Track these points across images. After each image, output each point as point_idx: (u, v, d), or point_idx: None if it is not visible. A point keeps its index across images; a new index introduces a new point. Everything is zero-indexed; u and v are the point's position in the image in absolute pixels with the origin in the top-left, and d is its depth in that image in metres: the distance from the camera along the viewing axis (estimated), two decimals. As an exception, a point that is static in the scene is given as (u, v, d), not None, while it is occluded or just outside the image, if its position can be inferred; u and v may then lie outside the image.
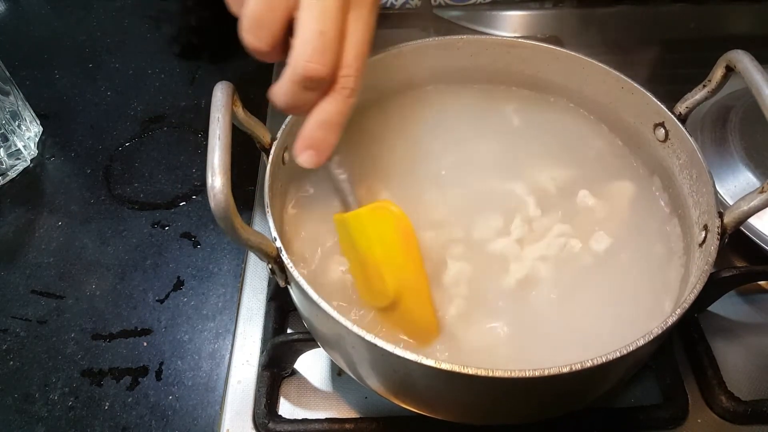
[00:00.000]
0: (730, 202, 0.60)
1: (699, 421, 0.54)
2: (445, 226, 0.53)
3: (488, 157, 0.58)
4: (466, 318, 0.48)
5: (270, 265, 0.43)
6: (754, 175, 0.63)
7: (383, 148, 0.58)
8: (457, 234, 0.52)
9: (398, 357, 0.37)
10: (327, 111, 0.42)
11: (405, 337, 0.46)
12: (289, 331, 0.60)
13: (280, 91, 0.42)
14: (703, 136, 0.69)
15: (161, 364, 0.59)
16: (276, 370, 0.56)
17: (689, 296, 0.40)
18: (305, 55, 0.40)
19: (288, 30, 0.41)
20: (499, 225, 0.53)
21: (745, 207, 0.43)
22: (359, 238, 0.47)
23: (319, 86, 0.41)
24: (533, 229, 0.53)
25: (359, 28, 0.42)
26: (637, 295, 0.49)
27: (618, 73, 0.55)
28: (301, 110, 0.43)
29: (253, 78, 0.83)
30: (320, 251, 0.52)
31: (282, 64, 0.42)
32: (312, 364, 0.57)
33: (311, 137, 0.43)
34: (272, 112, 0.79)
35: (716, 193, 0.46)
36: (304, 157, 0.44)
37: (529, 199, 0.55)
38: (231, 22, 0.42)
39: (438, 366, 0.37)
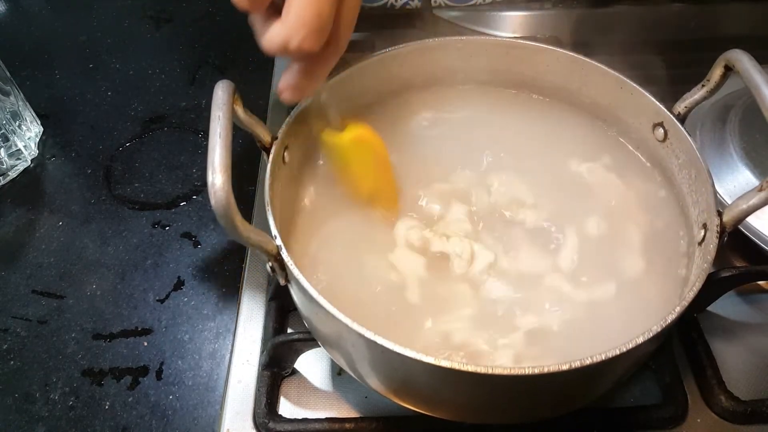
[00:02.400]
0: (730, 202, 0.60)
1: (698, 420, 0.54)
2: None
3: (490, 161, 0.58)
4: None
5: (270, 263, 0.43)
6: (753, 174, 0.63)
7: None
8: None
9: (398, 354, 0.37)
10: (313, 65, 0.45)
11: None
12: (289, 330, 0.60)
13: (272, 41, 0.42)
14: (702, 136, 0.69)
15: (162, 363, 0.59)
16: (276, 369, 0.56)
17: (689, 294, 0.40)
18: (300, 33, 0.40)
19: None
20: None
21: (744, 205, 0.43)
22: (342, 157, 0.53)
23: (308, 57, 0.43)
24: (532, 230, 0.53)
25: (351, 5, 0.44)
26: (636, 295, 0.49)
27: (617, 74, 0.55)
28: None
29: (254, 78, 0.84)
30: (321, 250, 0.52)
31: (283, 68, 0.42)
32: (312, 364, 0.57)
33: (295, 82, 0.45)
34: (273, 112, 0.79)
35: (715, 192, 0.46)
36: (285, 96, 0.46)
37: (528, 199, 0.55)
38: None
39: (438, 363, 0.37)
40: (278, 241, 0.43)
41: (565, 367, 0.36)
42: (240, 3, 0.41)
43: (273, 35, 0.41)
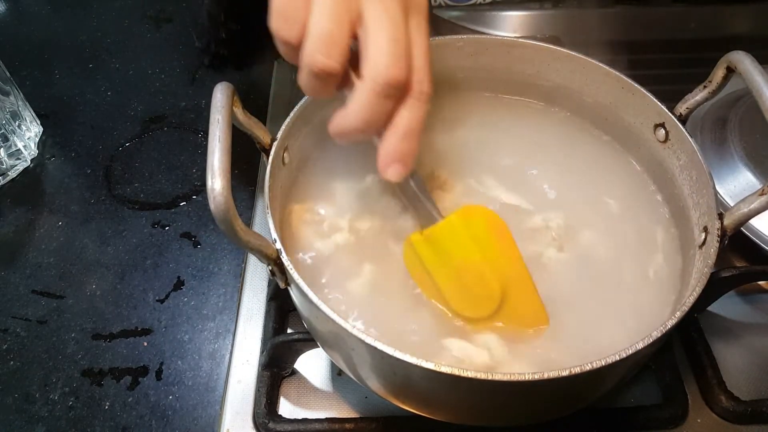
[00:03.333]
0: (731, 203, 0.60)
1: (699, 421, 0.54)
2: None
3: (491, 163, 0.58)
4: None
5: (270, 267, 0.43)
6: (753, 176, 0.63)
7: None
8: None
9: (398, 359, 0.37)
10: (407, 120, 0.42)
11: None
12: (289, 330, 0.60)
13: (356, 108, 0.41)
14: (702, 137, 0.68)
15: (161, 364, 0.59)
16: (276, 369, 0.56)
17: (689, 299, 0.40)
18: (383, 62, 0.40)
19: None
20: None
21: (745, 209, 0.43)
22: (454, 247, 0.46)
23: (398, 92, 0.41)
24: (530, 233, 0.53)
25: (421, 34, 0.42)
26: (637, 296, 0.49)
27: (618, 73, 0.55)
28: (378, 125, 0.42)
29: (253, 78, 0.84)
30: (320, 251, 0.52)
31: (283, 69, 0.42)
32: (312, 364, 0.57)
33: (396, 150, 0.42)
34: (272, 113, 0.79)
35: (716, 194, 0.46)
36: (391, 172, 0.43)
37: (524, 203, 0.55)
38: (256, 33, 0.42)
39: (438, 369, 0.37)
40: (278, 245, 0.43)
41: (565, 373, 0.36)
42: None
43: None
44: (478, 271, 0.46)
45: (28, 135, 0.77)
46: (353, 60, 0.42)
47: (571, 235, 0.53)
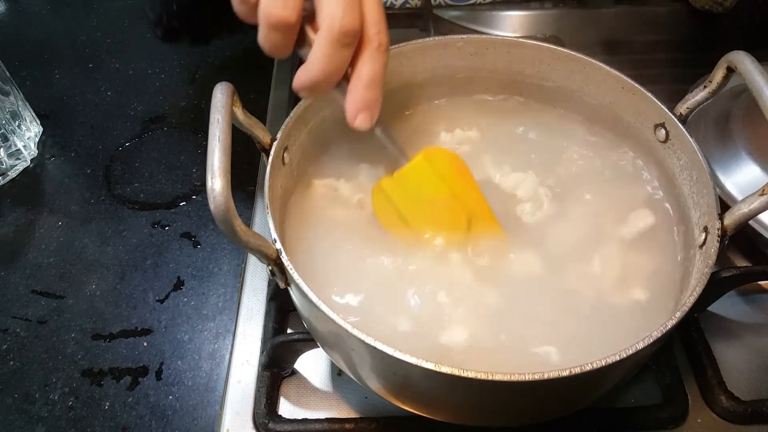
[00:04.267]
0: (737, 195, 0.60)
1: (699, 421, 0.54)
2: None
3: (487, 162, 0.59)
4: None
5: (270, 267, 0.43)
6: (760, 167, 0.63)
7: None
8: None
9: (398, 359, 0.37)
10: (370, 70, 0.45)
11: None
12: (289, 331, 0.60)
13: (317, 59, 0.43)
14: (706, 129, 0.68)
15: (161, 364, 0.59)
16: (276, 370, 0.56)
17: (689, 299, 0.40)
18: (338, 13, 0.42)
19: None
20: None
21: (745, 209, 0.43)
22: (424, 184, 0.51)
23: (354, 40, 0.43)
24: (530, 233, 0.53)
25: None
26: (637, 297, 0.49)
27: (618, 73, 0.55)
28: (338, 74, 0.45)
29: (253, 78, 0.84)
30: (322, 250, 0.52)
31: (282, 70, 0.42)
32: (312, 364, 0.57)
33: (362, 99, 0.45)
34: (272, 113, 0.79)
35: (717, 195, 0.46)
36: (360, 120, 0.46)
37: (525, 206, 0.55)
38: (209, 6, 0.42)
39: (438, 369, 0.37)
40: (278, 245, 0.43)
41: (565, 373, 0.36)
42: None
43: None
44: (448, 203, 0.51)
45: (28, 135, 0.77)
46: (310, 20, 0.44)
47: (569, 229, 0.53)
